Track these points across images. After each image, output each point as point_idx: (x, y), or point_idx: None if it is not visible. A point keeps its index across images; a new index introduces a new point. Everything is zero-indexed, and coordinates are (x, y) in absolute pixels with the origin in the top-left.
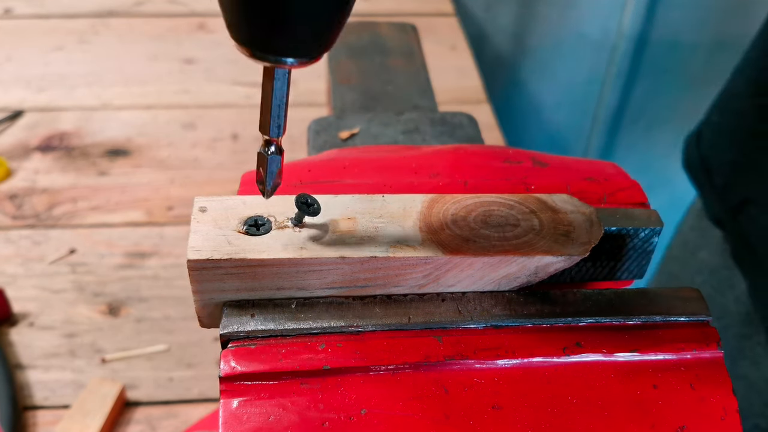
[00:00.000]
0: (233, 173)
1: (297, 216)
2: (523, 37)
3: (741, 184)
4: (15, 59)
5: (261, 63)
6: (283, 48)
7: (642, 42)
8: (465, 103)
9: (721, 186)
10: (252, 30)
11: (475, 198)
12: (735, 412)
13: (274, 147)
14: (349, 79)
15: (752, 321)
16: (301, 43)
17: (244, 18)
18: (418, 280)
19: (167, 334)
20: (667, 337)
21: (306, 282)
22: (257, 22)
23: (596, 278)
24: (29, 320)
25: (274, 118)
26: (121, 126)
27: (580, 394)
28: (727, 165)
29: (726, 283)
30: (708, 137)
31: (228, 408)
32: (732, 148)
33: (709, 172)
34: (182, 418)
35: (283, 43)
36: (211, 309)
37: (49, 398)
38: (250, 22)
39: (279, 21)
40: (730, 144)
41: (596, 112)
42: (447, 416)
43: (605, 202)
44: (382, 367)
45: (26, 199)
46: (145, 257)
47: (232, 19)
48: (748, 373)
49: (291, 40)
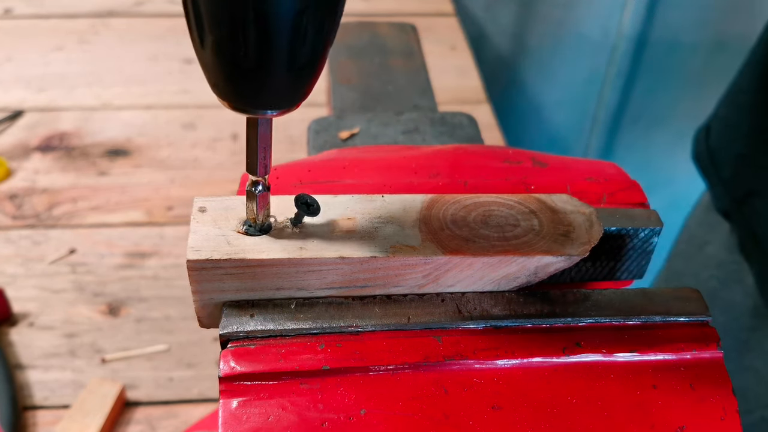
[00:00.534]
0: (233, 173)
1: (297, 216)
2: (523, 37)
3: (747, 176)
4: (15, 59)
5: (243, 114)
6: (263, 105)
7: (642, 42)
8: (465, 103)
9: (728, 178)
10: (233, 92)
11: (475, 198)
12: (735, 412)
13: (261, 186)
14: (349, 79)
15: (760, 313)
16: (280, 99)
17: (224, 83)
18: (417, 280)
19: (167, 334)
20: (666, 337)
21: (305, 282)
22: (238, 87)
23: (596, 278)
24: (29, 320)
25: (260, 160)
26: (121, 126)
27: (580, 395)
28: (734, 158)
29: (733, 277)
30: (716, 130)
31: (227, 408)
32: (739, 142)
33: (717, 164)
34: (182, 418)
35: (263, 102)
36: (211, 309)
37: (49, 398)
38: (231, 87)
39: (258, 86)
40: (737, 137)
41: (596, 112)
42: (446, 416)
43: (605, 202)
44: (381, 367)
45: (26, 199)
46: (145, 257)
47: (213, 82)
48: (757, 365)
49: (270, 99)
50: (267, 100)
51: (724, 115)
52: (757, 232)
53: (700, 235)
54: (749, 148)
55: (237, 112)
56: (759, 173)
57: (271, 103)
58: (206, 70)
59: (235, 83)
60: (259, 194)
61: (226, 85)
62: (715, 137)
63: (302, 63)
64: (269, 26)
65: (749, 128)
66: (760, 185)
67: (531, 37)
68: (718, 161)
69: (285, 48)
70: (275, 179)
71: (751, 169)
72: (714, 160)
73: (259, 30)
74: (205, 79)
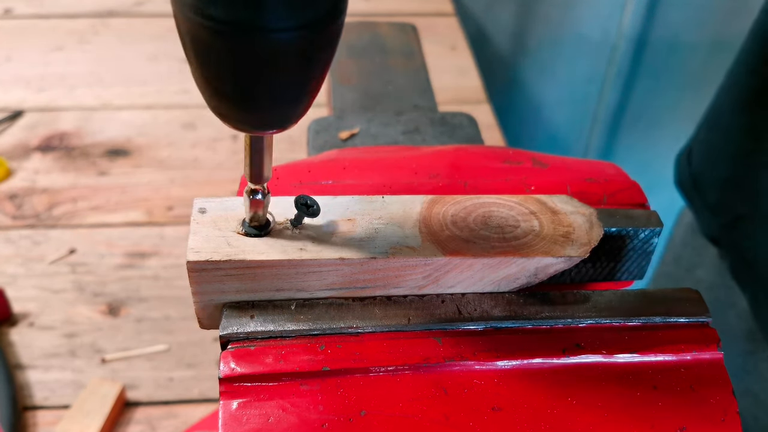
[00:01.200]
0: (233, 173)
1: (296, 217)
2: (523, 37)
3: (733, 201)
4: (15, 59)
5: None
6: (257, 128)
7: (642, 42)
8: (465, 103)
9: (714, 203)
10: (230, 114)
11: (475, 199)
12: (735, 413)
13: (261, 194)
14: (349, 79)
15: (755, 338)
16: (274, 122)
17: (220, 106)
18: (417, 281)
19: (167, 334)
20: (666, 338)
21: (305, 283)
22: (234, 111)
23: (596, 279)
24: (29, 320)
25: (261, 170)
26: (121, 126)
27: (580, 396)
28: (719, 182)
29: (726, 302)
30: (698, 154)
31: (228, 409)
32: (722, 165)
33: (701, 189)
34: (182, 418)
35: (257, 126)
36: (211, 310)
37: (49, 398)
38: (228, 110)
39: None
40: (721, 161)
41: (596, 112)
42: (447, 417)
43: (605, 203)
44: (381, 368)
45: (26, 199)
46: (145, 257)
47: (210, 103)
48: (755, 389)
49: (264, 123)
50: (262, 124)
51: (705, 138)
52: (749, 257)
53: (687, 257)
54: (734, 172)
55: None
56: (746, 197)
57: (266, 125)
58: (202, 93)
59: (228, 109)
60: (257, 200)
61: (219, 109)
62: (698, 161)
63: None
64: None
65: (733, 151)
66: (747, 209)
67: (531, 37)
68: (702, 186)
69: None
70: (275, 179)
71: (738, 194)
72: (698, 186)
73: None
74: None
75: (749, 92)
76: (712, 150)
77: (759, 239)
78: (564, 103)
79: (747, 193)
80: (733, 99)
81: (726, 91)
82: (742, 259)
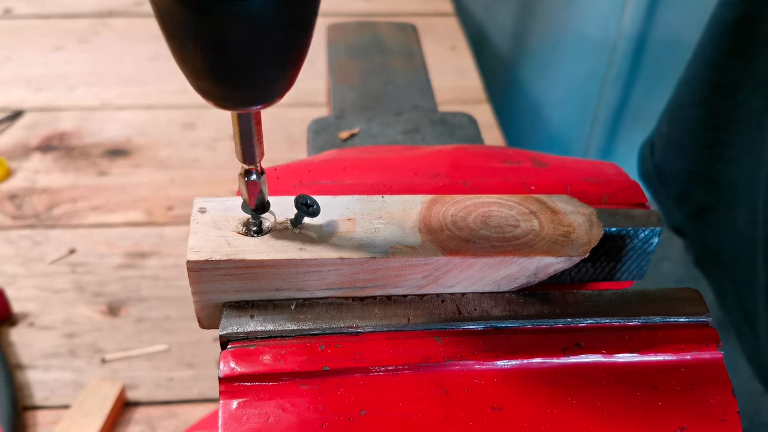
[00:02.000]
0: (233, 173)
1: (296, 217)
2: (523, 37)
3: (697, 192)
4: (15, 59)
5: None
6: (242, 103)
7: (642, 42)
8: (465, 103)
9: (678, 195)
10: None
11: (475, 199)
12: (735, 413)
13: (255, 174)
14: (349, 79)
15: (723, 328)
16: (259, 97)
17: (201, 84)
18: (417, 281)
19: (167, 334)
20: (666, 337)
21: (305, 283)
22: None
23: (596, 279)
24: (29, 320)
25: (252, 149)
26: (121, 126)
27: (580, 395)
28: (681, 174)
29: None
30: (660, 147)
31: (227, 409)
32: (684, 158)
33: (665, 181)
34: (182, 418)
35: (241, 101)
36: (211, 310)
37: (49, 398)
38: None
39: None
40: (682, 153)
41: (596, 112)
42: (447, 417)
43: (605, 203)
44: (381, 368)
45: (26, 199)
46: (145, 257)
47: (190, 82)
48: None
49: (247, 98)
50: (245, 99)
51: (667, 132)
52: (713, 247)
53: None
54: (696, 164)
55: (222, 110)
56: (708, 188)
57: (250, 101)
58: (186, 72)
59: (209, 86)
60: (251, 182)
61: (200, 88)
62: (660, 154)
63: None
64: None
65: (694, 144)
66: (711, 200)
67: (531, 37)
68: (666, 178)
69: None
70: (275, 179)
71: (701, 185)
72: (661, 178)
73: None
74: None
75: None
76: (674, 143)
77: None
78: (564, 103)
79: (710, 184)
80: (692, 92)
81: (686, 85)
82: (707, 249)
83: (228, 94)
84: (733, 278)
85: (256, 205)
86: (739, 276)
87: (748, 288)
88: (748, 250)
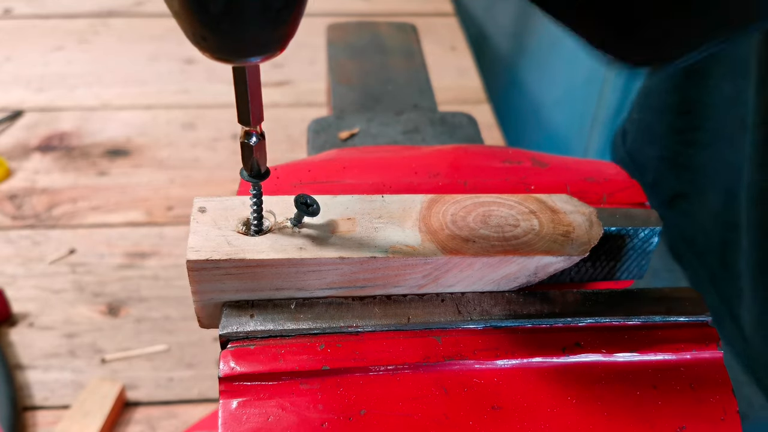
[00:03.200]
0: (233, 173)
1: (296, 216)
2: (523, 37)
3: (670, 179)
4: (15, 59)
5: (227, 64)
6: (244, 52)
7: None
8: (465, 103)
9: (651, 182)
10: (211, 41)
11: (475, 198)
12: (735, 412)
13: (255, 136)
14: (349, 79)
15: None
16: (261, 45)
17: (200, 32)
18: (417, 280)
19: (167, 334)
20: (666, 337)
21: (305, 282)
22: (214, 35)
23: (596, 278)
24: (29, 320)
25: (251, 109)
26: (120, 126)
27: (580, 395)
28: (654, 161)
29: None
30: (632, 134)
31: (227, 408)
32: (656, 144)
33: (639, 168)
34: (182, 418)
35: (243, 49)
36: (211, 309)
37: (49, 398)
38: (208, 36)
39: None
40: (655, 140)
41: (596, 112)
42: (446, 416)
43: (605, 203)
44: (381, 367)
45: (26, 199)
46: (145, 257)
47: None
48: None
49: (250, 46)
50: (247, 47)
51: (638, 118)
52: (688, 234)
53: None
54: (668, 150)
55: (221, 62)
56: (681, 175)
57: (252, 49)
58: (179, 20)
59: (210, 31)
60: (254, 145)
61: (202, 35)
62: (632, 141)
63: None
64: None
65: (666, 130)
66: (684, 187)
67: (531, 37)
68: (639, 165)
69: None
70: (275, 179)
71: (674, 172)
72: (635, 165)
73: None
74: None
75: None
76: (645, 129)
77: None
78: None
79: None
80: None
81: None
82: (682, 236)
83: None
84: (706, 263)
85: (252, 171)
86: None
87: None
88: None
